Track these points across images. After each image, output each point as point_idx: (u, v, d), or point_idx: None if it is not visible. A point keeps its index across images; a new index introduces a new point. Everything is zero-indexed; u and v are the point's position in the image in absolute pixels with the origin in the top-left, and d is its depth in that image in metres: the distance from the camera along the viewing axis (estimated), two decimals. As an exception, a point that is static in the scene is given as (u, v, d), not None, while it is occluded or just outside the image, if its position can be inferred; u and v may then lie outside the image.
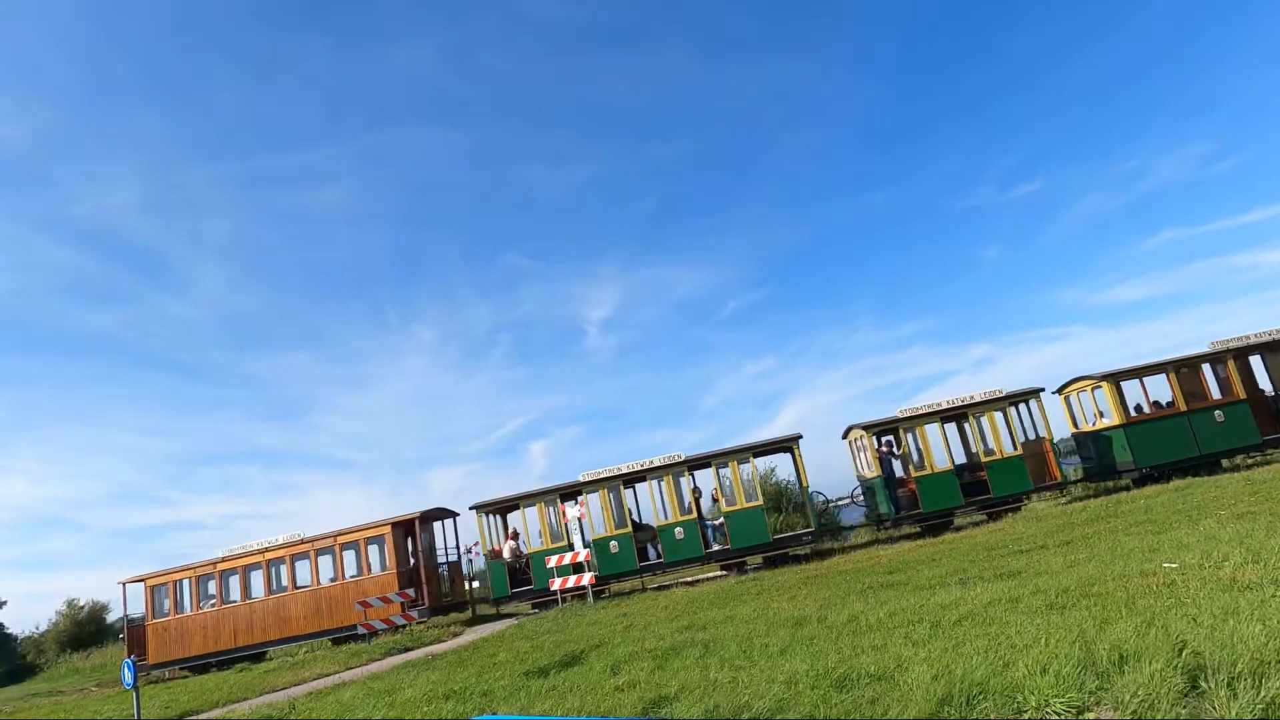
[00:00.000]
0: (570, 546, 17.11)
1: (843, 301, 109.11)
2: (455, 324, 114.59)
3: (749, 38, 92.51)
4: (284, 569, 19.19)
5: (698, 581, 17.01)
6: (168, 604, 19.58)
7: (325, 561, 18.99)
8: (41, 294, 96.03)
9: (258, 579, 19.47)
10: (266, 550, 19.08)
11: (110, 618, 49.94)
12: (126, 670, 8.95)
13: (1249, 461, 17.14)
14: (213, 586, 19.66)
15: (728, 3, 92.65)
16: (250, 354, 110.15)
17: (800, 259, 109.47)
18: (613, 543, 17.30)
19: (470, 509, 18.10)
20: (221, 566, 19.35)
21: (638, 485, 18.55)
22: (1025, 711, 3.84)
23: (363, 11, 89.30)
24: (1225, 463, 17.06)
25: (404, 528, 18.79)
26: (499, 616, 17.90)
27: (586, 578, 16.78)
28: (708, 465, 17.59)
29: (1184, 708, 3.51)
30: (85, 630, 44.74)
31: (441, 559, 19.68)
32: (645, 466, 17.42)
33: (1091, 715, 3.67)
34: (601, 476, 17.50)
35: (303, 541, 18.94)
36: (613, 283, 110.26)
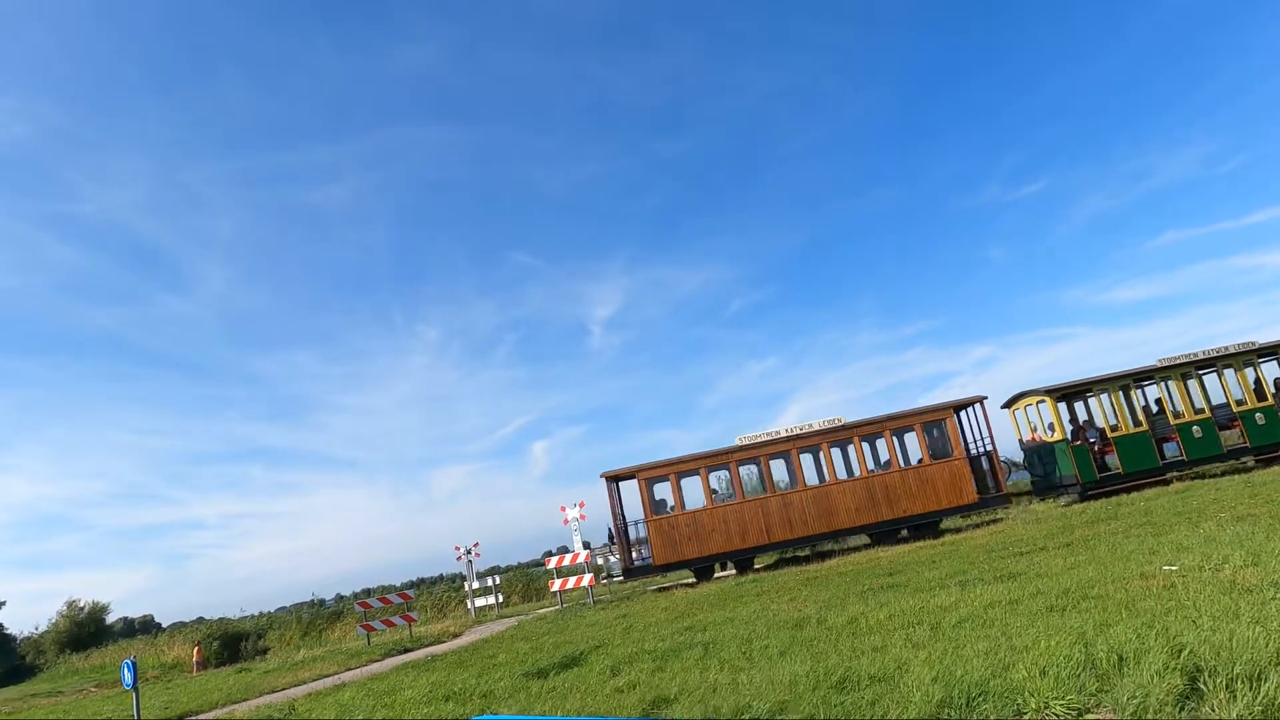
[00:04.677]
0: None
1: (846, 302, 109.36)
2: (459, 323, 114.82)
3: (757, 37, 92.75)
4: (821, 456, 17.67)
5: (698, 583, 17.00)
6: (670, 499, 17.50)
7: (875, 447, 17.81)
8: (44, 292, 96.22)
9: (784, 469, 17.86)
10: (797, 438, 17.41)
11: (109, 618, 50.05)
12: (126, 670, 8.94)
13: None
14: (725, 478, 17.96)
15: (735, 3, 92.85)
16: (254, 352, 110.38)
17: (804, 259, 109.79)
18: (1195, 428, 17.00)
19: (1046, 392, 17.61)
20: (737, 456, 17.50)
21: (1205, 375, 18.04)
22: (1025, 713, 3.84)
23: (369, 10, 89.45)
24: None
25: (961, 412, 17.70)
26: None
27: (586, 579, 16.79)
28: (1274, 355, 17.56)
29: (1183, 709, 3.51)
30: (85, 631, 44.84)
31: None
32: (1218, 353, 17.38)
33: (1091, 717, 3.68)
34: (1177, 362, 17.39)
35: (844, 427, 17.40)
36: (617, 281, 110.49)
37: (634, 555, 17.88)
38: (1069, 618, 5.55)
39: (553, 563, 18.06)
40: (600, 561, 21.81)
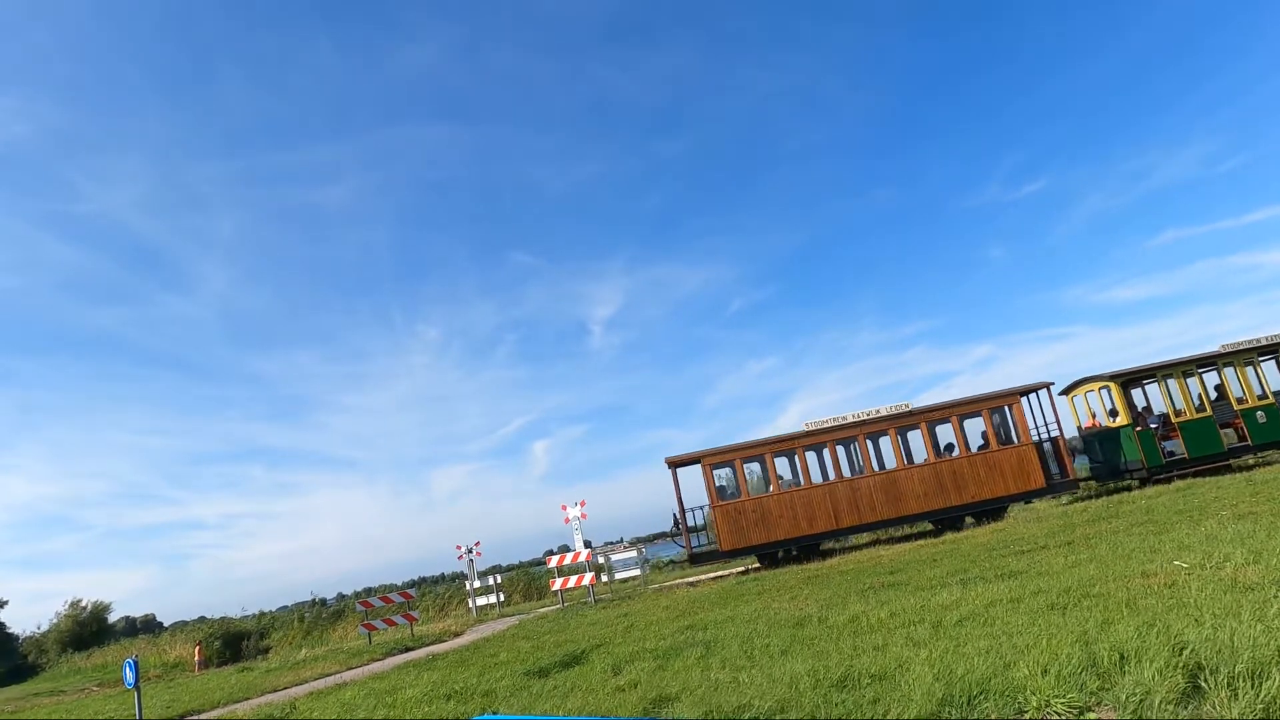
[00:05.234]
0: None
1: (847, 301, 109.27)
2: (460, 322, 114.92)
3: (757, 37, 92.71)
4: (887, 442, 17.67)
5: (699, 582, 17.00)
6: (735, 484, 17.44)
7: (940, 433, 17.58)
8: (44, 292, 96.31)
9: (851, 454, 17.86)
10: (864, 423, 17.37)
11: (111, 617, 50.14)
12: (128, 670, 8.96)
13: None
14: (790, 464, 17.86)
15: (735, 2, 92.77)
16: (255, 352, 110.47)
17: (805, 259, 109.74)
18: (1259, 413, 17.06)
19: (1110, 377, 17.69)
20: (803, 442, 17.45)
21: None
22: (1026, 712, 3.84)
23: (370, 9, 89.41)
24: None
25: (1027, 398, 17.73)
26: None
27: (587, 578, 16.79)
28: None
29: (1184, 708, 3.51)
30: (87, 630, 44.93)
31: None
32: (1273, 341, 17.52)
33: (1093, 715, 3.68)
34: (1241, 348, 17.43)
35: (910, 413, 17.37)
36: (618, 281, 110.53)
37: (695, 541, 17.93)
38: (1070, 616, 5.54)
39: (554, 561, 18.07)
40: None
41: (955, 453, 17.42)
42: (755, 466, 17.78)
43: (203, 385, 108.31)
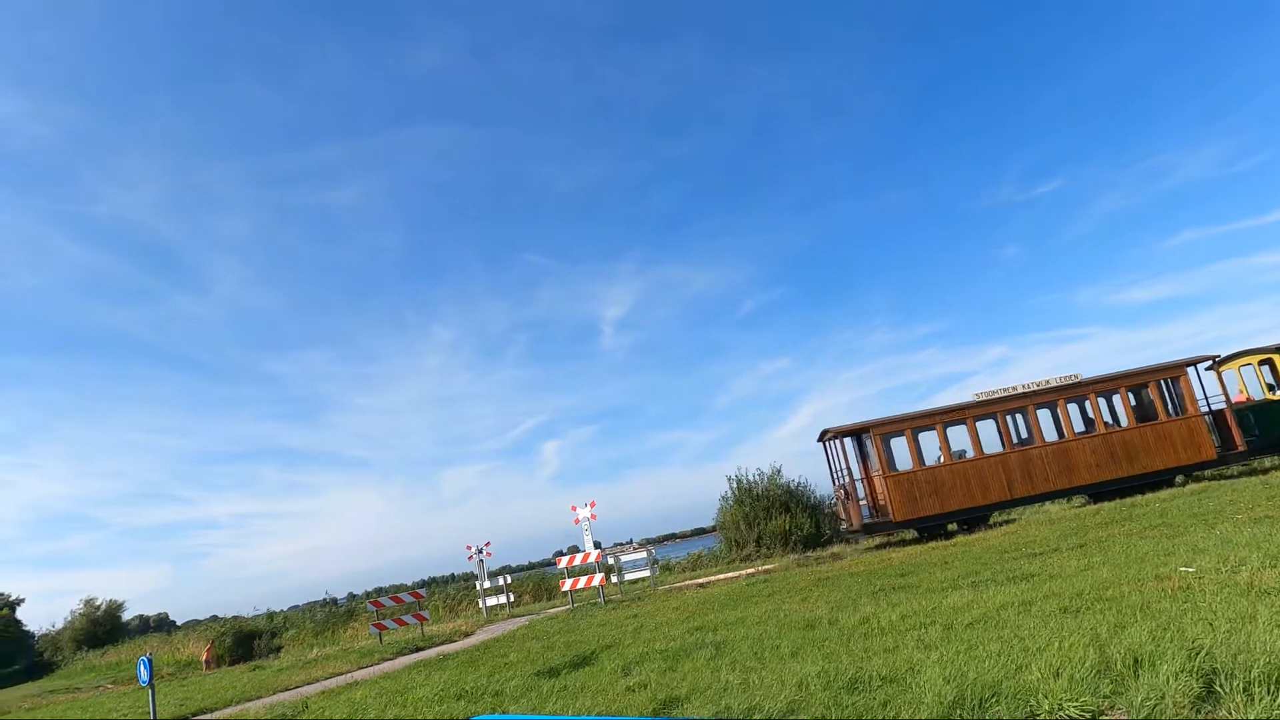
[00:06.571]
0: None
1: (861, 303, 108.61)
2: (471, 323, 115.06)
3: (766, 35, 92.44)
4: (1058, 412, 17.70)
5: (708, 584, 16.99)
6: (906, 454, 17.52)
7: (1106, 405, 17.78)
8: (60, 293, 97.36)
9: (1019, 425, 17.82)
10: (1034, 394, 17.46)
11: (125, 616, 50.66)
12: (143, 667, 9.05)
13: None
14: (962, 434, 17.63)
15: (746, 2, 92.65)
16: (268, 352, 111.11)
17: (816, 260, 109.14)
18: None
19: (1273, 350, 17.41)
20: (974, 412, 17.42)
21: None
22: (1038, 715, 3.82)
23: (378, 11, 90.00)
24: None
25: (1194, 368, 17.74)
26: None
27: (597, 579, 16.82)
28: None
29: (1199, 712, 3.49)
30: (101, 628, 45.43)
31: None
32: None
33: (1105, 719, 3.66)
34: None
35: (1080, 384, 17.52)
36: (629, 282, 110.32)
37: (863, 512, 18.10)
38: (1083, 619, 5.51)
39: (564, 562, 18.11)
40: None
41: (1107, 424, 17.40)
42: (929, 436, 17.84)
43: (215, 385, 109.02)
